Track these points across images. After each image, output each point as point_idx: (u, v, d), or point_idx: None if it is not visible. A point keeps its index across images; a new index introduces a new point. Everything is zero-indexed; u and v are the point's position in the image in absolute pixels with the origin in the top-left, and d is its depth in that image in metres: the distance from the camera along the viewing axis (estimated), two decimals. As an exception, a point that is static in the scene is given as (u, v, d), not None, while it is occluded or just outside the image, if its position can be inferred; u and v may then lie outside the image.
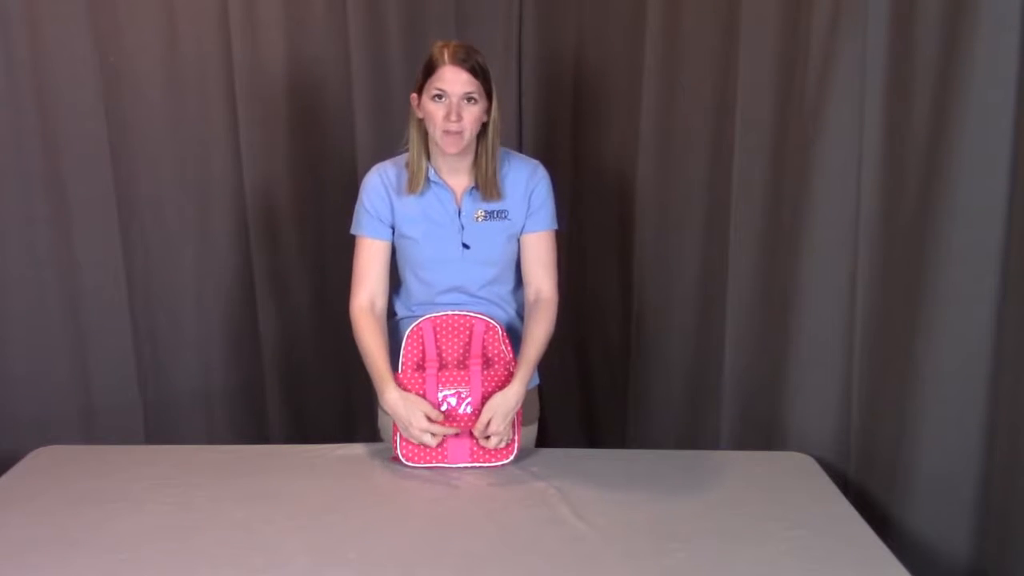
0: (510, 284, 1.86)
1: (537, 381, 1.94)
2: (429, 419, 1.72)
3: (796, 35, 1.83)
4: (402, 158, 1.81)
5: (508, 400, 1.74)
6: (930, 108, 1.55)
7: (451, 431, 1.75)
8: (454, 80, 1.66)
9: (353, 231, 1.83)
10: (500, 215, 1.80)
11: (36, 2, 2.21)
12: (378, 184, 1.80)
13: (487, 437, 1.75)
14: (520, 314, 1.88)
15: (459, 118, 1.68)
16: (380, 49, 2.42)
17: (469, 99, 1.68)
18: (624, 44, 2.35)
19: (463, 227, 1.78)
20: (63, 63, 2.25)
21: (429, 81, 1.69)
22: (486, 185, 1.77)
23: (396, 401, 1.73)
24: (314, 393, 2.61)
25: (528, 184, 1.82)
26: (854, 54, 1.68)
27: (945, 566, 1.60)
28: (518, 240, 1.84)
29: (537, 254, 1.84)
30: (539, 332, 1.81)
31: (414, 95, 1.74)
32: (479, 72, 1.68)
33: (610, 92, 2.44)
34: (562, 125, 2.59)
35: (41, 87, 2.25)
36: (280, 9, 2.36)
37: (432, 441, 1.73)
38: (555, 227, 1.86)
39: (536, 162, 1.86)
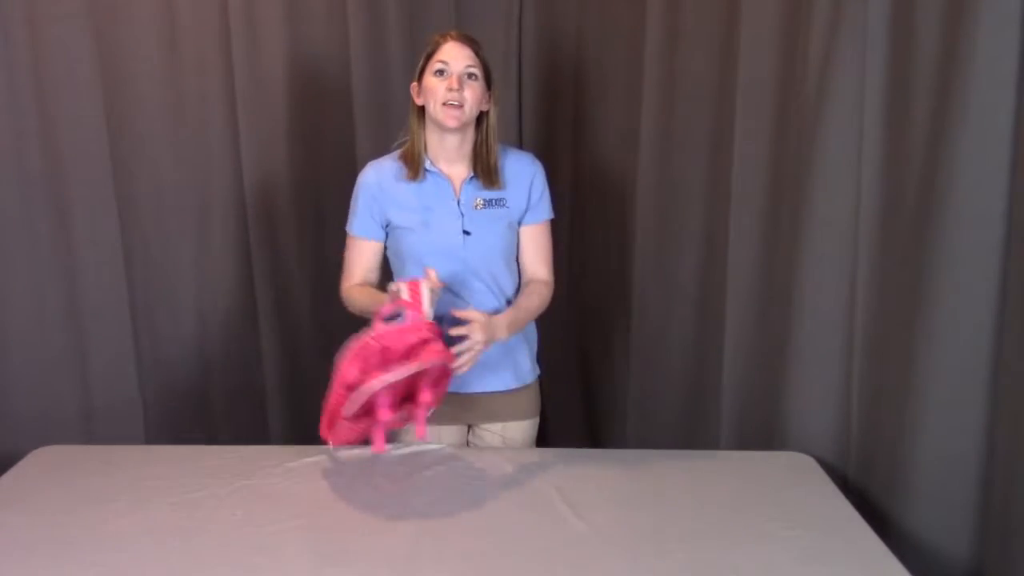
0: (509, 278, 1.86)
1: (539, 373, 1.94)
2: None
3: (796, 35, 1.83)
4: (397, 153, 1.82)
5: (494, 321, 1.69)
6: (930, 108, 1.54)
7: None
8: (456, 55, 1.70)
9: (347, 228, 1.84)
10: (499, 203, 1.80)
11: (36, 2, 2.22)
12: (372, 181, 1.81)
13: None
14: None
15: (460, 89, 1.69)
16: (380, 49, 2.42)
17: (470, 75, 1.71)
18: (624, 44, 2.35)
19: (463, 215, 1.78)
20: (63, 63, 2.25)
21: (430, 60, 1.72)
22: (486, 173, 1.77)
23: None
24: (314, 393, 2.59)
25: (528, 175, 1.84)
26: (854, 54, 1.68)
27: (945, 566, 1.60)
28: (517, 232, 1.86)
29: (536, 245, 1.86)
30: (529, 302, 1.81)
31: (414, 84, 1.75)
32: (479, 53, 1.73)
33: (610, 91, 2.44)
34: (562, 125, 2.59)
35: (41, 87, 2.25)
36: (280, 9, 2.36)
37: None
38: (552, 216, 1.89)
39: (530, 153, 1.90)
